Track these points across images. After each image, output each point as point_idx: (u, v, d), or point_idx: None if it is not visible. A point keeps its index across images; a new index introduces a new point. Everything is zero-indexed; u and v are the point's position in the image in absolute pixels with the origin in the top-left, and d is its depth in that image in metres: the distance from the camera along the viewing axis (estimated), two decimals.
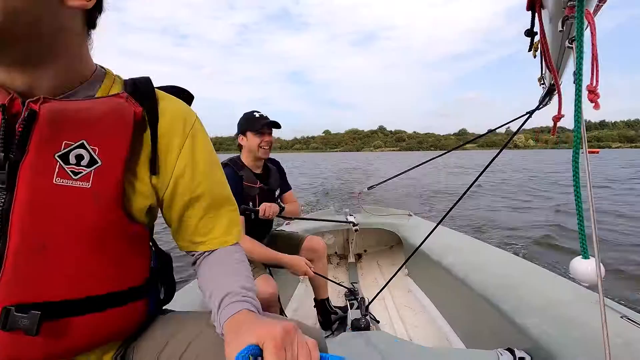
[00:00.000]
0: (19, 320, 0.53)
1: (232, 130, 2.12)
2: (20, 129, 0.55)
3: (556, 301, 1.30)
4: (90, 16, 0.64)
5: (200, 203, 0.75)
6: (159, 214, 0.79)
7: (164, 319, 0.79)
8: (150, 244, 0.77)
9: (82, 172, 0.58)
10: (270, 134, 2.03)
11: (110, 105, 0.63)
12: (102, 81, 0.68)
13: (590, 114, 0.65)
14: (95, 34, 0.67)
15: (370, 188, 3.15)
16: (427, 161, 2.38)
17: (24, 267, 0.55)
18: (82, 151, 0.58)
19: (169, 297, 0.85)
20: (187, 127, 0.72)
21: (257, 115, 2.03)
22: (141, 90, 0.69)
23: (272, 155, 2.15)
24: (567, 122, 0.89)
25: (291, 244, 2.18)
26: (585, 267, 0.68)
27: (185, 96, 0.80)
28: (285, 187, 2.32)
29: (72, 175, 0.57)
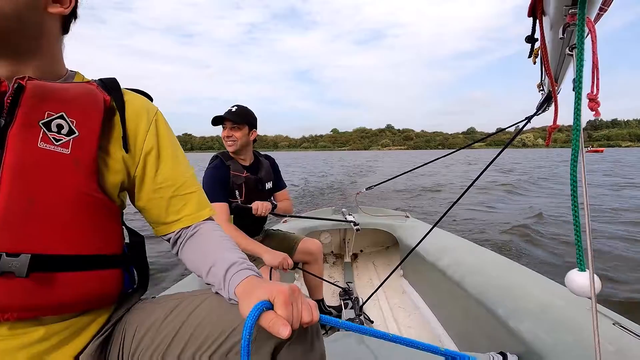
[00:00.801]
0: (9, 263, 0.60)
1: None
2: (9, 100, 0.64)
3: (550, 306, 1.28)
4: (66, 22, 0.76)
5: (168, 181, 0.84)
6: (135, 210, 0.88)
7: (157, 300, 0.85)
8: (123, 228, 0.84)
9: (62, 140, 0.67)
10: (232, 128, 2.00)
11: (83, 89, 0.73)
12: (73, 78, 0.80)
13: (602, 113, 0.64)
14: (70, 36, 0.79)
15: (368, 188, 3.11)
16: (430, 161, 2.35)
17: (13, 218, 0.62)
18: (62, 121, 0.68)
19: (145, 281, 0.91)
20: (150, 115, 0.83)
21: (227, 109, 2.04)
22: (108, 85, 0.79)
23: (278, 153, 2.14)
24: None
25: (286, 244, 2.18)
26: (581, 280, 0.66)
27: (147, 98, 0.90)
28: (280, 184, 2.32)
29: (53, 142, 0.66)
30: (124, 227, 0.84)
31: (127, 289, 0.83)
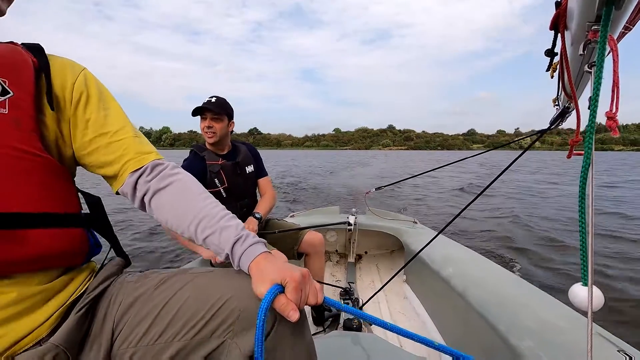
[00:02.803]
0: None
1: (241, 126, 2.11)
2: None
3: (552, 326, 1.25)
4: None
5: (102, 129, 0.80)
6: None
7: (146, 274, 0.83)
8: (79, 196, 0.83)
9: None
10: (212, 118, 1.99)
11: (11, 48, 0.73)
12: None
13: (600, 118, 0.60)
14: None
15: (378, 189, 3.05)
16: (443, 165, 2.32)
17: None
18: None
19: (117, 246, 0.93)
20: (76, 69, 0.81)
21: (205, 100, 2.02)
22: (32, 48, 0.77)
23: (283, 152, 2.13)
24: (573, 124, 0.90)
25: (290, 236, 2.18)
26: (583, 294, 0.67)
27: None
28: (261, 172, 2.34)
29: None
30: (79, 192, 0.83)
31: (94, 251, 0.83)
